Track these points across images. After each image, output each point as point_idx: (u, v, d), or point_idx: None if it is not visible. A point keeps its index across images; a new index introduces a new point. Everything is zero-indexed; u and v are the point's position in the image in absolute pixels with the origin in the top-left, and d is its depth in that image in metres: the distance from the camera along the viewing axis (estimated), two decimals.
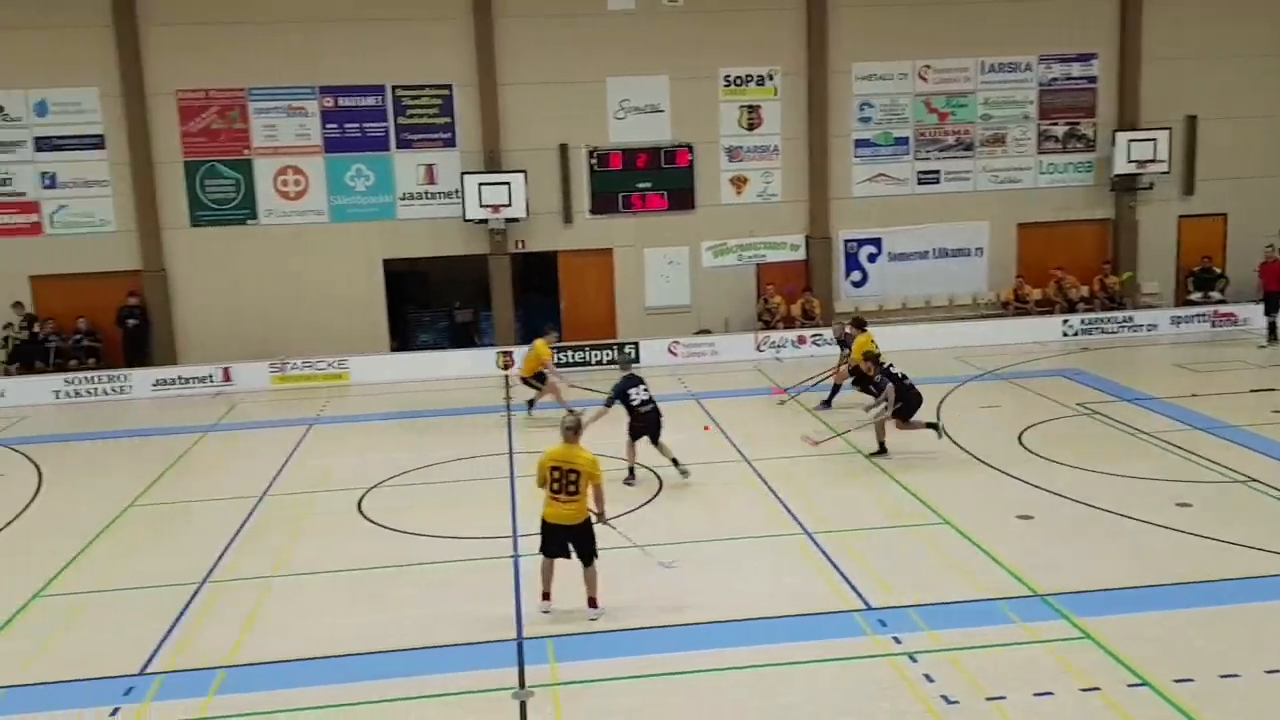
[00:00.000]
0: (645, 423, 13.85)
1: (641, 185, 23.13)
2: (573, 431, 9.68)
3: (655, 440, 13.94)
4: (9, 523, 13.26)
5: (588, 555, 9.64)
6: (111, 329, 21.78)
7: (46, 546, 12.19)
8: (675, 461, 13.83)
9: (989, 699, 8.02)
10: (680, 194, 23.26)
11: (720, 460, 14.73)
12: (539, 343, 17.58)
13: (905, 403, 14.53)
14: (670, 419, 14.21)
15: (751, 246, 23.68)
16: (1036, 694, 8.05)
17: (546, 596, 9.72)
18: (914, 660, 8.67)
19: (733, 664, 8.74)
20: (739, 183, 23.48)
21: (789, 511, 12.47)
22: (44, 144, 21.44)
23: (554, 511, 9.57)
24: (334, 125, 22.15)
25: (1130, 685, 8.14)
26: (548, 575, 9.76)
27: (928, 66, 23.59)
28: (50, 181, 21.53)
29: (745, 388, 19.66)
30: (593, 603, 9.62)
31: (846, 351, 17.08)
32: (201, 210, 22.01)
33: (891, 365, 14.79)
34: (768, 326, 22.76)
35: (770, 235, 23.70)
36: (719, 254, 23.59)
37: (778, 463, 14.43)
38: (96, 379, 20.99)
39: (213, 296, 22.19)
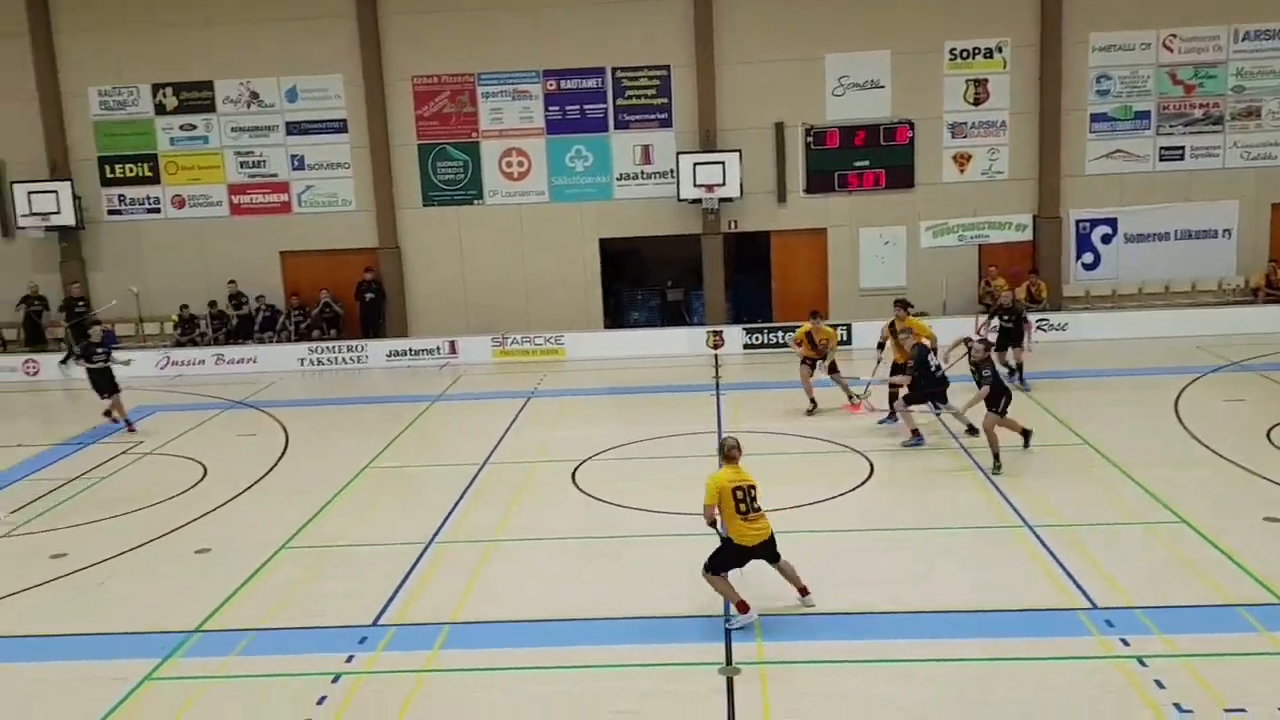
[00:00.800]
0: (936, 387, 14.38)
1: (859, 163, 22.67)
2: (736, 450, 9.35)
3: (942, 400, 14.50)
4: (259, 479, 14.40)
5: (775, 554, 9.35)
6: (351, 302, 23.25)
7: (292, 502, 13.18)
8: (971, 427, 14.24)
9: (1228, 710, 7.49)
10: (899, 172, 22.67)
11: (934, 448, 14.32)
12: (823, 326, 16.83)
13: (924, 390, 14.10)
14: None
15: (974, 226, 22.83)
16: None
17: (745, 607, 9.13)
18: (1143, 664, 8.18)
19: (947, 655, 8.51)
20: (962, 160, 22.65)
21: (1009, 503, 11.99)
22: (294, 128, 23.07)
23: (753, 532, 9.03)
24: (555, 108, 22.79)
25: None
26: (732, 589, 9.19)
27: (1173, 35, 21.99)
28: (299, 163, 23.16)
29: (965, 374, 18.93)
30: (804, 591, 9.50)
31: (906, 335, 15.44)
32: (432, 190, 23.15)
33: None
34: (989, 310, 21.89)
35: (995, 214, 22.76)
36: (938, 234, 22.86)
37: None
38: (337, 349, 22.50)
39: (441, 273, 23.33)
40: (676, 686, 8.29)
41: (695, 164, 22.08)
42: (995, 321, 17.63)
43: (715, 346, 21.66)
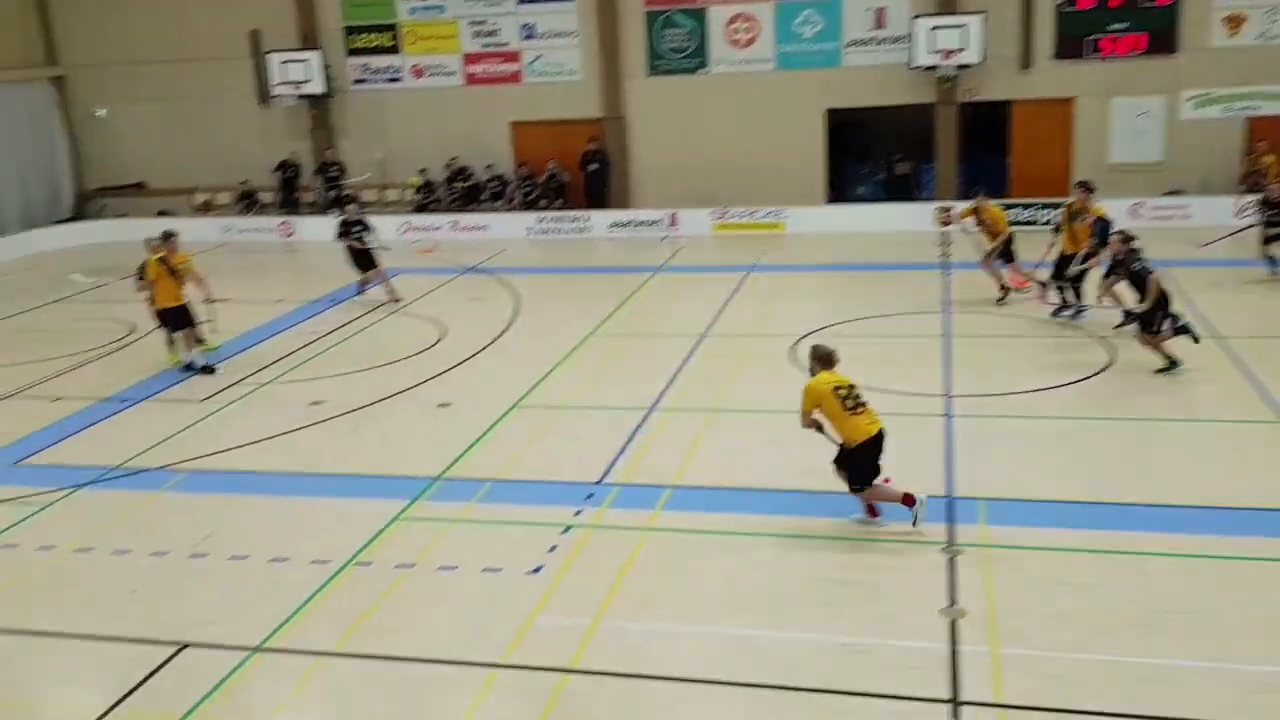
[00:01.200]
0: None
1: (1115, 26, 20.90)
2: (833, 356, 8.94)
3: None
4: (492, 341, 15.11)
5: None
6: (576, 172, 23.63)
7: (522, 364, 13.80)
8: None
9: None
10: (1160, 35, 20.77)
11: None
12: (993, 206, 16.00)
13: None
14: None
15: (1244, 97, 20.75)
16: None
17: (911, 499, 8.55)
18: None
19: (1188, 550, 8.14)
20: (1234, 22, 20.49)
21: (1267, 396, 11.17)
22: None
23: (867, 423, 8.55)
24: None
25: None
26: (889, 491, 8.68)
27: None
28: (529, 32, 23.43)
29: (1222, 258, 17.53)
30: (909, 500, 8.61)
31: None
32: (658, 60, 22.98)
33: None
34: (1254, 190, 20.02)
35: (1269, 84, 20.59)
36: (1201, 105, 20.93)
37: (1255, 343, 12.92)
38: (562, 218, 23.03)
39: (664, 144, 23.31)
40: (900, 562, 8.32)
41: (933, 27, 20.93)
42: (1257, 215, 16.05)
43: (945, 224, 20.85)
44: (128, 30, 25.20)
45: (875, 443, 8.59)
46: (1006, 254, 15.47)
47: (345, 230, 17.46)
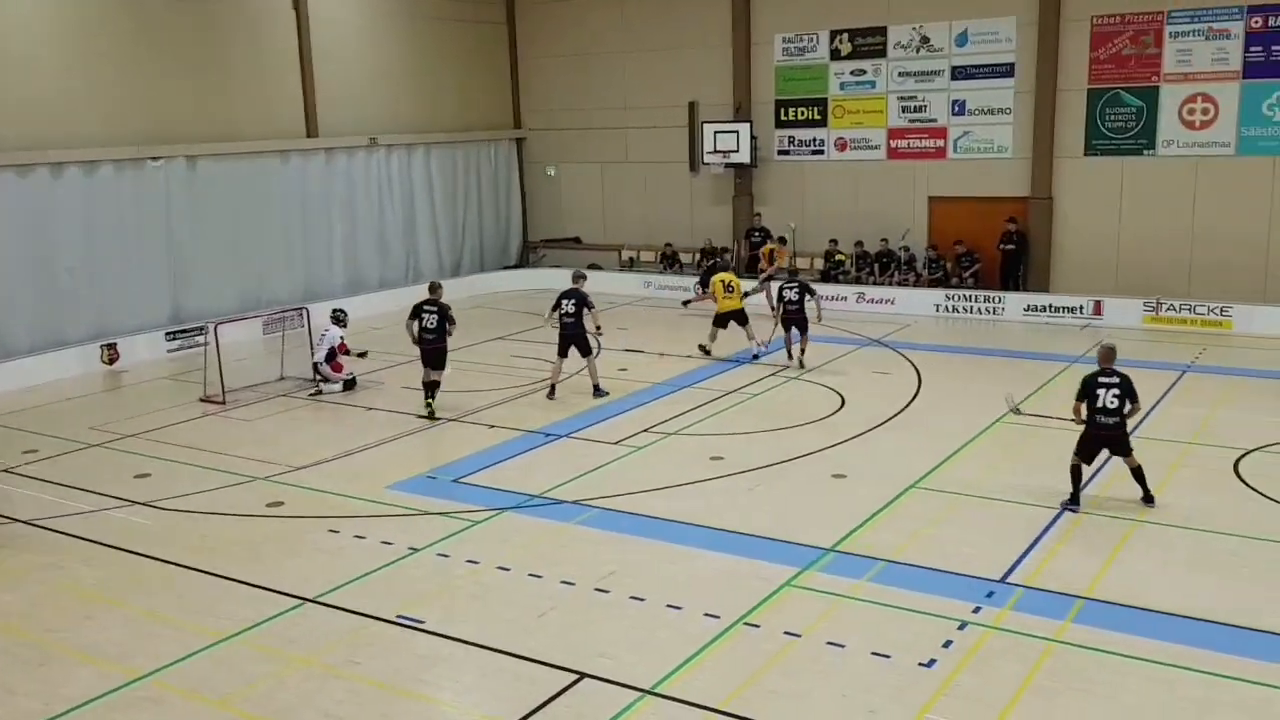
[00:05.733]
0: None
1: None
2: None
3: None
4: (892, 416, 14.82)
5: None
6: (991, 252, 22.79)
7: (923, 444, 13.40)
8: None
9: None
10: None
11: None
12: None
13: None
14: None
15: None
16: None
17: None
18: None
19: None
20: None
21: None
22: (959, 72, 22.94)
23: None
24: (1258, 48, 20.00)
25: None
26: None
27: None
28: (959, 108, 23.04)
29: None
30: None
31: None
32: (1098, 139, 21.70)
33: None
34: None
35: None
36: None
37: None
38: (973, 298, 22.27)
39: (1094, 227, 21.92)
40: None
41: None
42: None
43: None
44: (582, 100, 27.75)
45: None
46: None
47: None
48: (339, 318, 16.99)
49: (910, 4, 23.19)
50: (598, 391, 16.05)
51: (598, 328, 16.14)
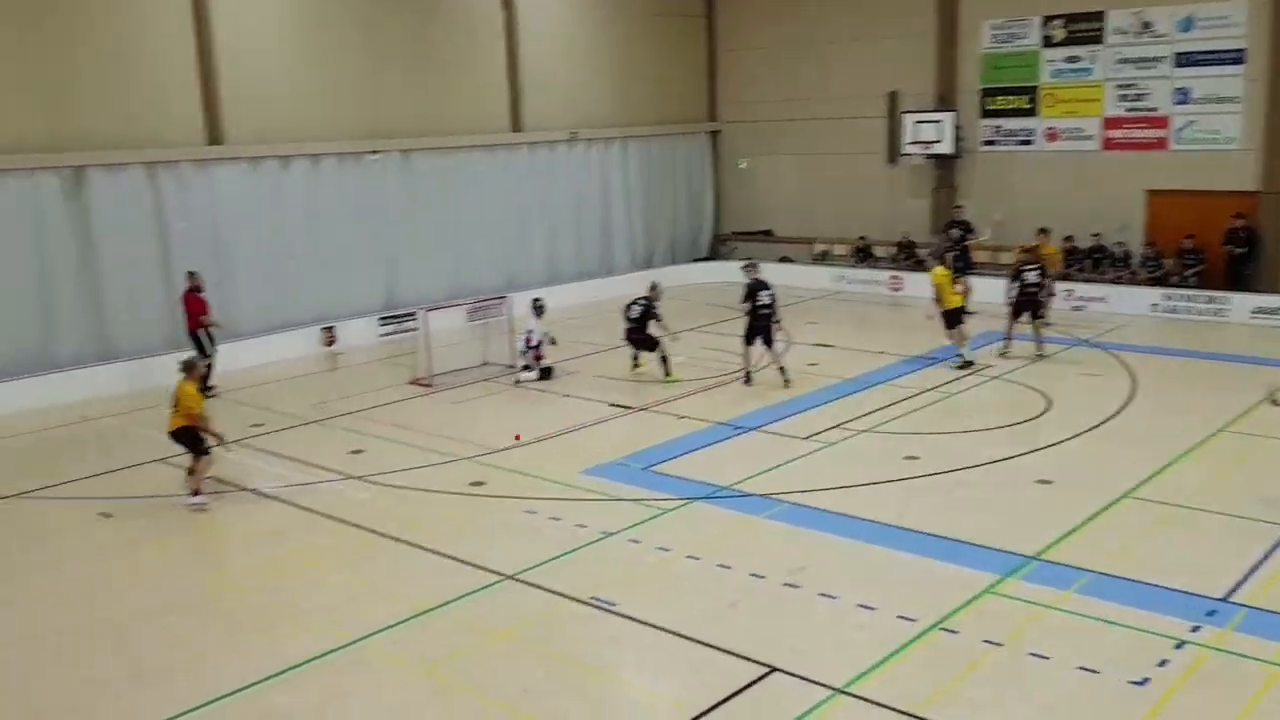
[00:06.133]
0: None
1: None
2: None
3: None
4: (1103, 421, 14.08)
5: None
6: (1216, 249, 21.31)
7: (1136, 451, 12.67)
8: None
9: None
10: None
11: None
12: None
13: None
14: None
15: None
16: None
17: None
18: None
19: None
20: None
21: None
22: (1183, 59, 21.53)
23: None
24: None
25: None
26: None
27: None
28: (1182, 97, 21.63)
29: None
30: None
31: None
32: None
33: None
34: None
35: None
36: None
37: None
38: (1194, 298, 20.90)
39: None
40: None
41: None
42: None
43: None
44: (777, 91, 27.54)
45: None
46: None
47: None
48: (540, 308, 17.48)
49: None
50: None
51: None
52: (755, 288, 16.22)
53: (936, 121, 24.23)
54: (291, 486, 12.58)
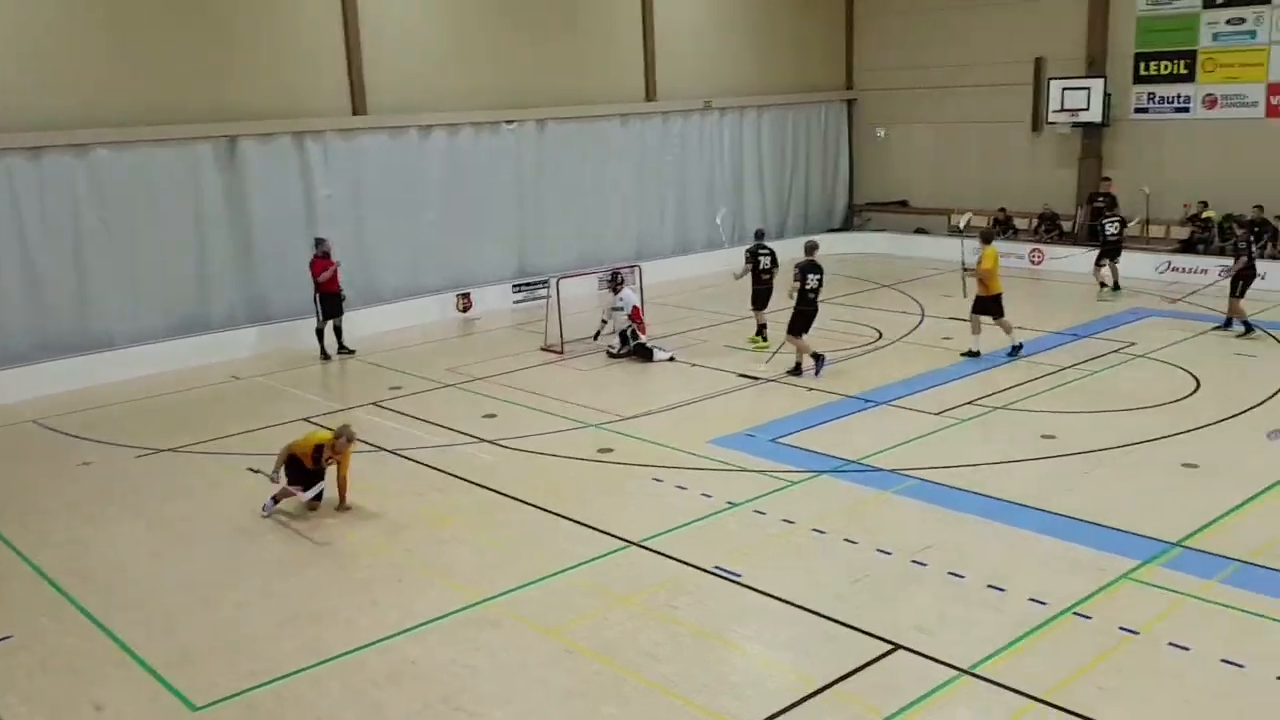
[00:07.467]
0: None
1: None
2: None
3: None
4: (1259, 404, 13.37)
5: None
6: None
7: None
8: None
9: None
10: None
11: None
12: None
13: None
14: None
15: None
16: None
17: None
18: None
19: None
20: None
21: None
22: None
23: None
24: None
25: None
26: None
27: None
28: None
29: None
30: None
31: None
32: None
33: None
34: None
35: None
36: None
37: None
38: None
39: None
40: None
41: None
42: None
43: None
44: (917, 58, 26.82)
45: None
46: None
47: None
48: (620, 281, 17.14)
49: None
50: (820, 363, 15.36)
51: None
52: (806, 269, 15.28)
53: (1085, 89, 23.22)
54: (427, 449, 12.99)
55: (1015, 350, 16.05)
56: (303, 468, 10.90)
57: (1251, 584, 8.61)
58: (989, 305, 16.04)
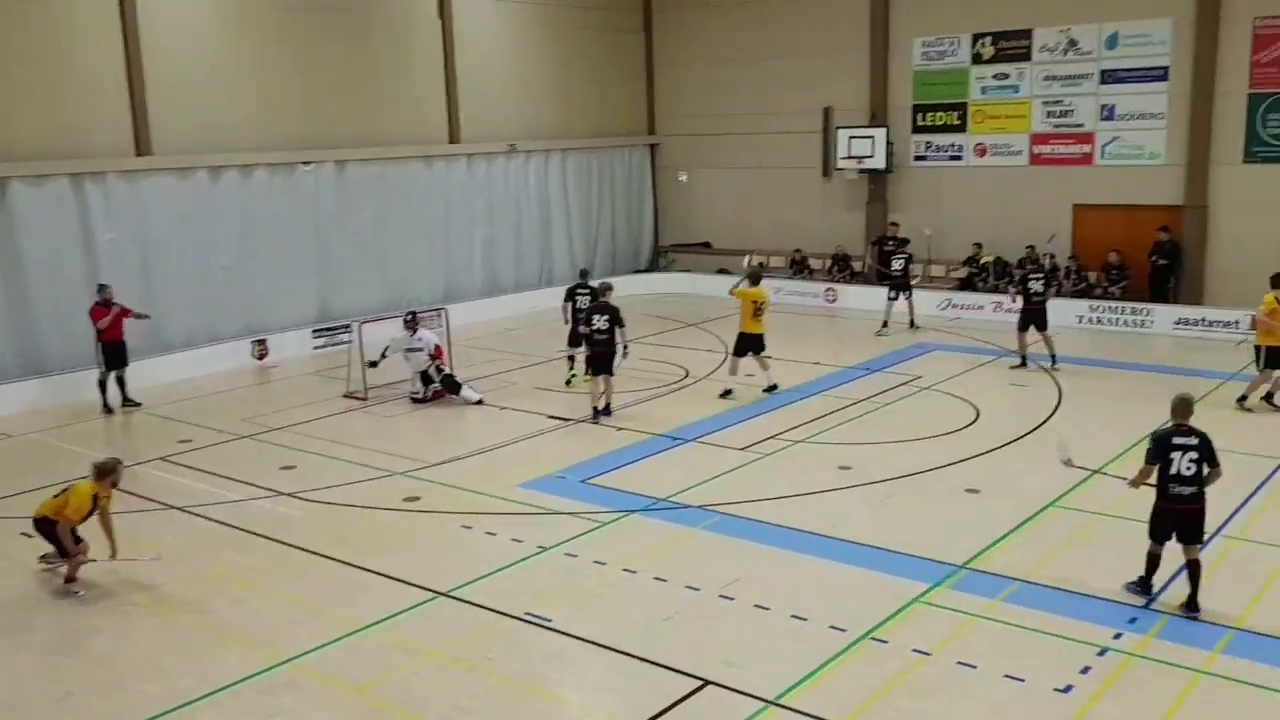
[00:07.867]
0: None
1: None
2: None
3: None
4: (1029, 431, 14.37)
5: None
6: (1140, 262, 21.87)
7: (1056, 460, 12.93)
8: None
9: None
10: None
11: None
12: None
13: None
14: None
15: None
16: None
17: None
18: None
19: None
20: None
21: None
22: (1108, 76, 22.15)
23: None
24: None
25: None
26: None
27: None
28: (1108, 114, 22.23)
29: None
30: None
31: None
32: (1258, 145, 20.66)
33: None
34: None
35: None
36: None
37: None
38: (1119, 309, 21.43)
39: (1252, 238, 20.79)
40: None
41: None
42: None
43: None
44: (715, 105, 27.77)
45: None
46: None
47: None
48: (412, 322, 16.93)
49: (1057, 6, 22.51)
50: (606, 412, 15.42)
51: (625, 347, 15.59)
52: (591, 311, 15.51)
53: (869, 137, 24.60)
54: (220, 504, 12.36)
55: (771, 389, 16.47)
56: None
57: (1030, 601, 9.20)
58: (750, 344, 16.47)
